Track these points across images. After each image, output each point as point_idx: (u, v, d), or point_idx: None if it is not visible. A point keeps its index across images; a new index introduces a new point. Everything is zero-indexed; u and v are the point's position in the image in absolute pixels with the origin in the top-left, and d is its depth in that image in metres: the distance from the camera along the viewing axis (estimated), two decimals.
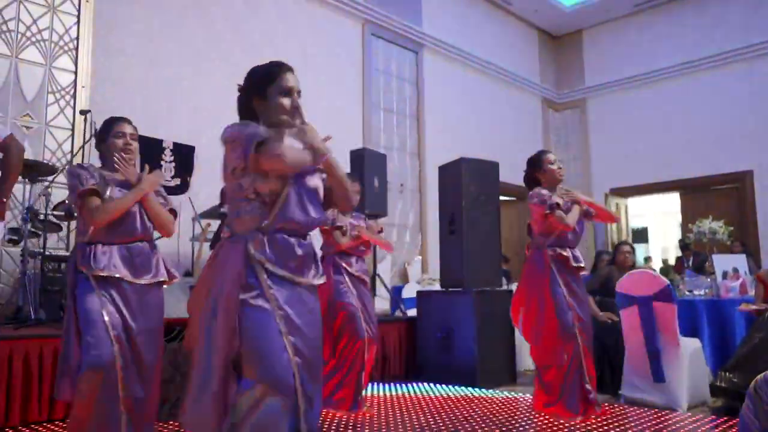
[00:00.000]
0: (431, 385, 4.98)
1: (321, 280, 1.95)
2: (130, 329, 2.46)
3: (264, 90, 1.97)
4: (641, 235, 14.51)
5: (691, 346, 4.24)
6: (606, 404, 4.09)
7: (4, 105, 5.37)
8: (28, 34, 5.59)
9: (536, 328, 3.66)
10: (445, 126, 9.30)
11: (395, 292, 6.86)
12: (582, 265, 3.60)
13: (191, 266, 5.53)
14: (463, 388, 4.83)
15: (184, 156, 4.56)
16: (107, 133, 2.71)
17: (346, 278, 3.90)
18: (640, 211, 12.76)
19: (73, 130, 5.69)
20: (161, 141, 4.48)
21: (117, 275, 2.48)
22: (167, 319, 3.63)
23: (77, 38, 5.84)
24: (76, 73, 5.81)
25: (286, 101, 1.95)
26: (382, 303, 6.13)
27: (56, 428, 3.35)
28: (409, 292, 6.73)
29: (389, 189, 8.43)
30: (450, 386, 4.89)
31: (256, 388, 1.72)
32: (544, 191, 3.64)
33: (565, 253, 3.55)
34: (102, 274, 2.45)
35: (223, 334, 1.79)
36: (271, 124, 1.95)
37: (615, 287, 4.38)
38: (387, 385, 4.96)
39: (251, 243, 1.84)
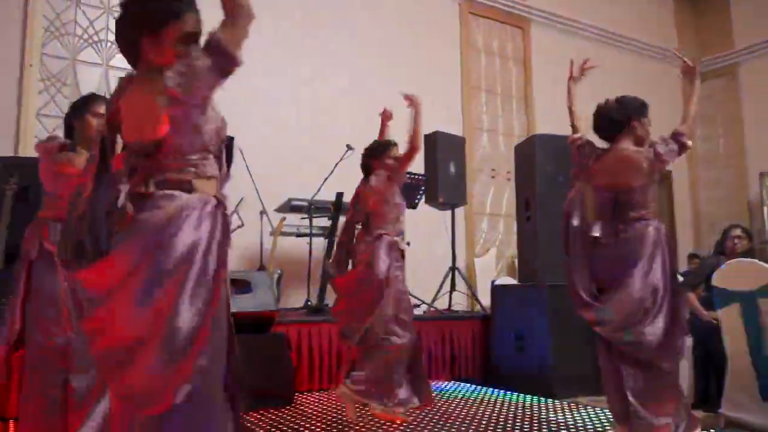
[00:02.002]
0: (500, 391, 4.45)
1: None
2: None
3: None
4: None
5: None
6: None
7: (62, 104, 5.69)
8: (85, 36, 5.85)
9: None
10: (558, 106, 8.45)
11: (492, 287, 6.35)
12: None
13: (261, 260, 5.51)
14: (535, 396, 4.24)
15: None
16: (85, 110, 2.65)
17: None
18: None
19: None
20: None
21: None
22: (257, 313, 3.60)
23: None
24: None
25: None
26: (460, 298, 5.66)
27: None
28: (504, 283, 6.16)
29: (493, 175, 7.90)
30: (521, 394, 4.32)
31: None
32: None
33: None
34: None
35: None
36: None
37: None
38: (455, 386, 4.55)
39: None
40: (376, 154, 3.57)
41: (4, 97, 5.43)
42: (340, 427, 3.27)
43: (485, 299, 5.97)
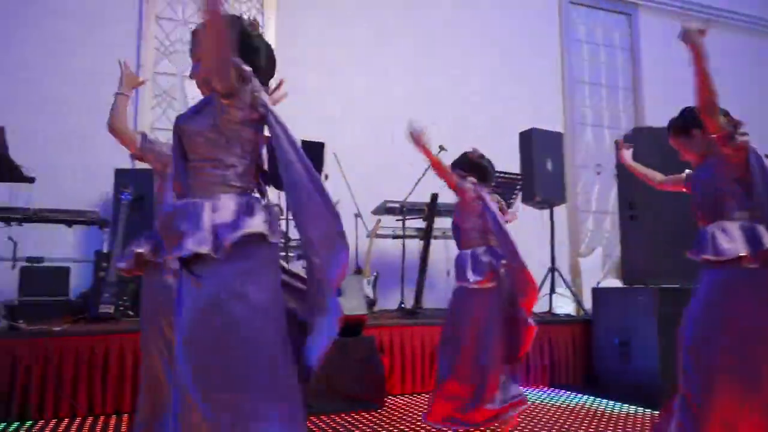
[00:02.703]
0: (601, 400, 4.20)
1: None
2: None
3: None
4: None
5: None
6: None
7: (172, 117, 6.07)
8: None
9: None
10: (671, 97, 7.85)
11: None
12: None
13: (356, 261, 5.57)
14: (639, 408, 3.96)
15: (313, 153, 4.59)
16: None
17: None
18: None
19: None
20: None
21: None
22: (348, 316, 3.61)
23: None
24: None
25: None
26: (562, 301, 5.41)
27: None
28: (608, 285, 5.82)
29: (598, 171, 7.51)
30: (625, 404, 4.06)
31: None
32: None
33: None
34: None
35: None
36: None
37: None
38: (554, 393, 4.35)
39: None
40: None
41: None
42: (428, 430, 3.23)
43: (589, 301, 5.68)
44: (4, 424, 3.30)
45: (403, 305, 5.28)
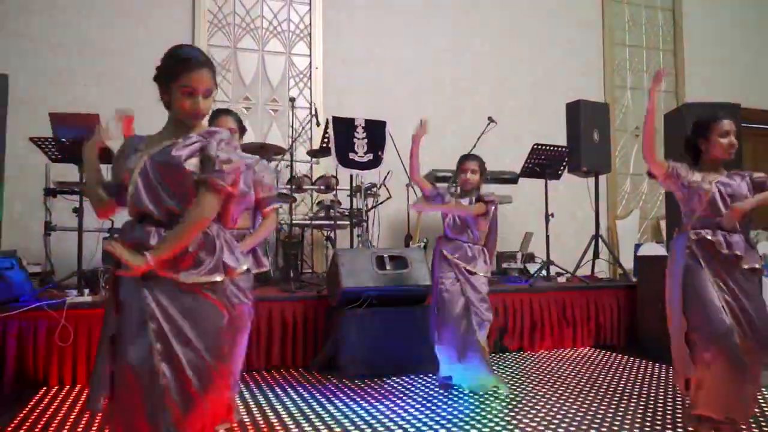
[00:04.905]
0: (647, 361, 4.51)
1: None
2: None
3: (167, 84, 1.80)
4: None
5: None
6: None
7: (255, 92, 6.33)
8: (270, 27, 6.43)
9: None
10: (710, 60, 7.90)
11: (635, 250, 6.27)
12: (739, 253, 2.53)
13: (407, 229, 5.85)
14: None
15: (376, 132, 4.81)
16: None
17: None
18: None
19: (310, 109, 6.37)
20: (353, 119, 4.79)
21: None
22: (414, 287, 3.97)
23: (310, 24, 6.53)
24: (310, 56, 6.51)
25: (187, 102, 1.77)
26: (602, 264, 5.66)
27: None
28: (650, 252, 6.05)
29: (636, 134, 7.63)
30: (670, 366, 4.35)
31: None
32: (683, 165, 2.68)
33: (710, 237, 2.57)
34: None
35: None
36: (176, 120, 1.83)
37: None
38: (599, 354, 4.67)
39: None
40: None
41: None
42: (481, 395, 3.55)
43: (627, 263, 5.93)
44: None
45: None
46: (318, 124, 5.59)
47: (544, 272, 5.41)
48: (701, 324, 2.51)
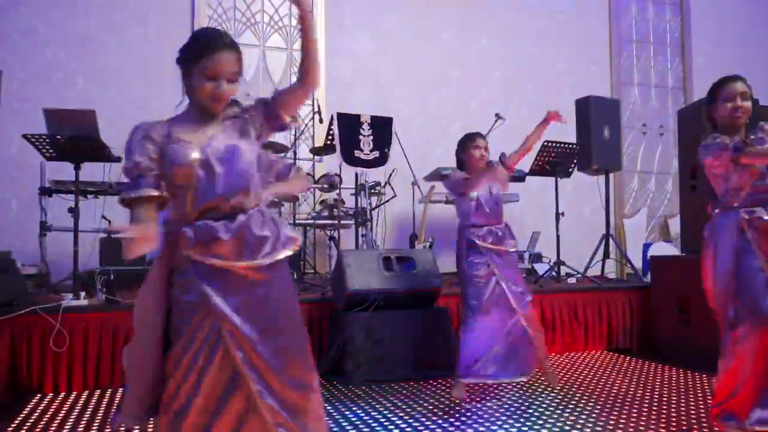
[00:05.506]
0: (660, 366, 4.37)
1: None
2: None
3: (189, 68, 1.71)
4: None
5: None
6: None
7: (256, 88, 6.18)
8: (271, 22, 6.29)
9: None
10: (719, 55, 7.77)
11: (644, 249, 6.14)
12: None
13: (413, 227, 5.71)
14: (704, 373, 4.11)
15: (382, 128, 4.67)
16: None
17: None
18: None
19: (313, 106, 6.22)
20: (359, 116, 4.65)
21: None
22: (422, 289, 3.84)
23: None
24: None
25: (209, 87, 1.68)
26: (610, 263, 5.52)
27: None
28: (660, 251, 5.92)
29: (644, 131, 7.50)
30: (688, 370, 4.21)
31: None
32: (719, 136, 2.51)
33: (766, 217, 2.41)
34: None
35: None
36: (198, 106, 1.74)
37: None
38: (612, 358, 4.53)
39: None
40: None
41: (177, 81, 6.02)
42: (498, 393, 3.42)
43: (635, 262, 5.79)
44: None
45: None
46: (321, 121, 5.45)
47: (554, 273, 5.27)
48: (747, 313, 2.40)
